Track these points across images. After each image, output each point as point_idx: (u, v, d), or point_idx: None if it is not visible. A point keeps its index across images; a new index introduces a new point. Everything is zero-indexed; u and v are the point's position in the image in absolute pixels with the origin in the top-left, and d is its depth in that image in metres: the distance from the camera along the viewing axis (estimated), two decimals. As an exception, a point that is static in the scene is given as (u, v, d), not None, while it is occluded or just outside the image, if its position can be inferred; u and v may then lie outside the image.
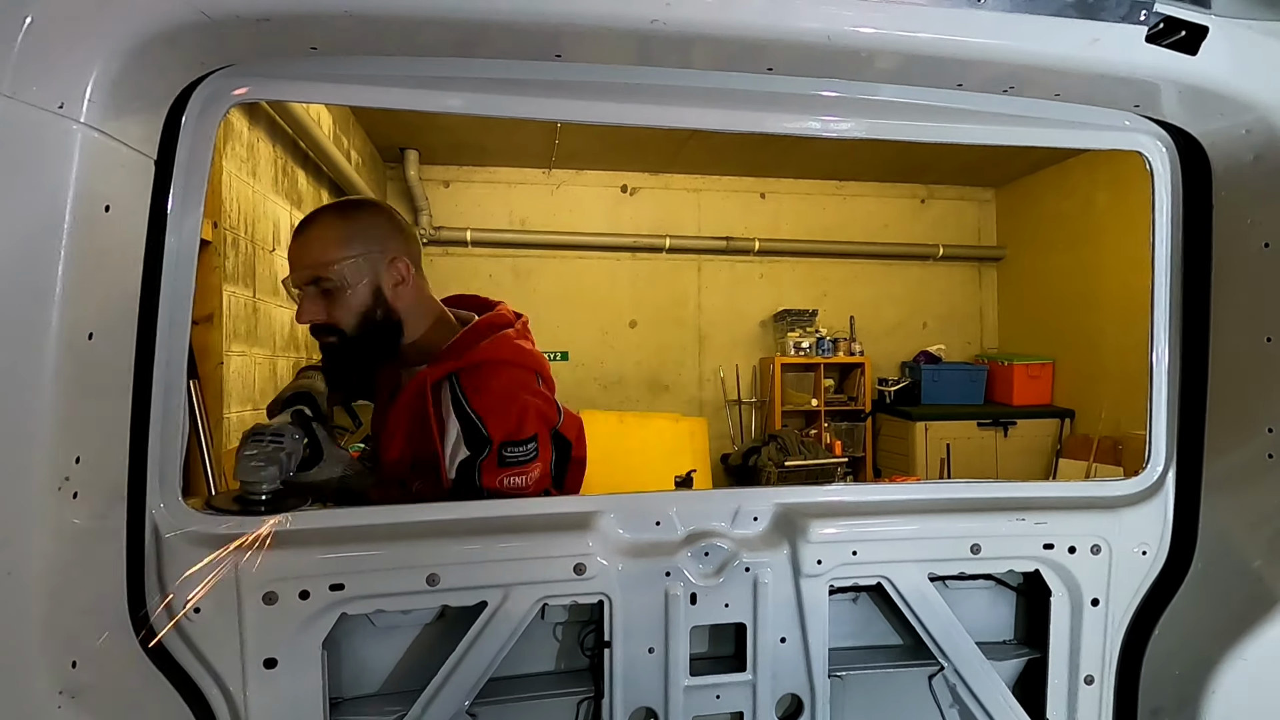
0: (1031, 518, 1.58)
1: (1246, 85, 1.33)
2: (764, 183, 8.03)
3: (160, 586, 1.27)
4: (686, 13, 1.13)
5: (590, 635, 1.56)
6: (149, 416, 1.25)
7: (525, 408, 1.62)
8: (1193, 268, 1.61)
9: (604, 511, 1.50)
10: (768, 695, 1.55)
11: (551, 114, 1.40)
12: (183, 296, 1.27)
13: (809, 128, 1.50)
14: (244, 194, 3.97)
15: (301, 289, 1.63)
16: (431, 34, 1.18)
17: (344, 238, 1.61)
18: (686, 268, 7.92)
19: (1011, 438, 7.29)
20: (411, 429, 1.65)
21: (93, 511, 1.12)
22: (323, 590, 1.33)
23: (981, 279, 8.42)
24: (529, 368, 1.70)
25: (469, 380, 1.60)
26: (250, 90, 1.29)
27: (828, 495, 1.62)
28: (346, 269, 1.59)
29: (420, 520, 1.44)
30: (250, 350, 4.05)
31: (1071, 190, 7.17)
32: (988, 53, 1.25)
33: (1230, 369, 1.56)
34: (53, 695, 1.04)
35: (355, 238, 1.62)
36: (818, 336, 7.73)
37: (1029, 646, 1.73)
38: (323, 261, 1.58)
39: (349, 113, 5.87)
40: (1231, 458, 1.57)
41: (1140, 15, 1.20)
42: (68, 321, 1.01)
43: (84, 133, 1.00)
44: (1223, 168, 1.52)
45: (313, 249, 1.61)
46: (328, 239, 1.61)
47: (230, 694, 1.31)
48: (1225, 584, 1.56)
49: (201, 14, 1.04)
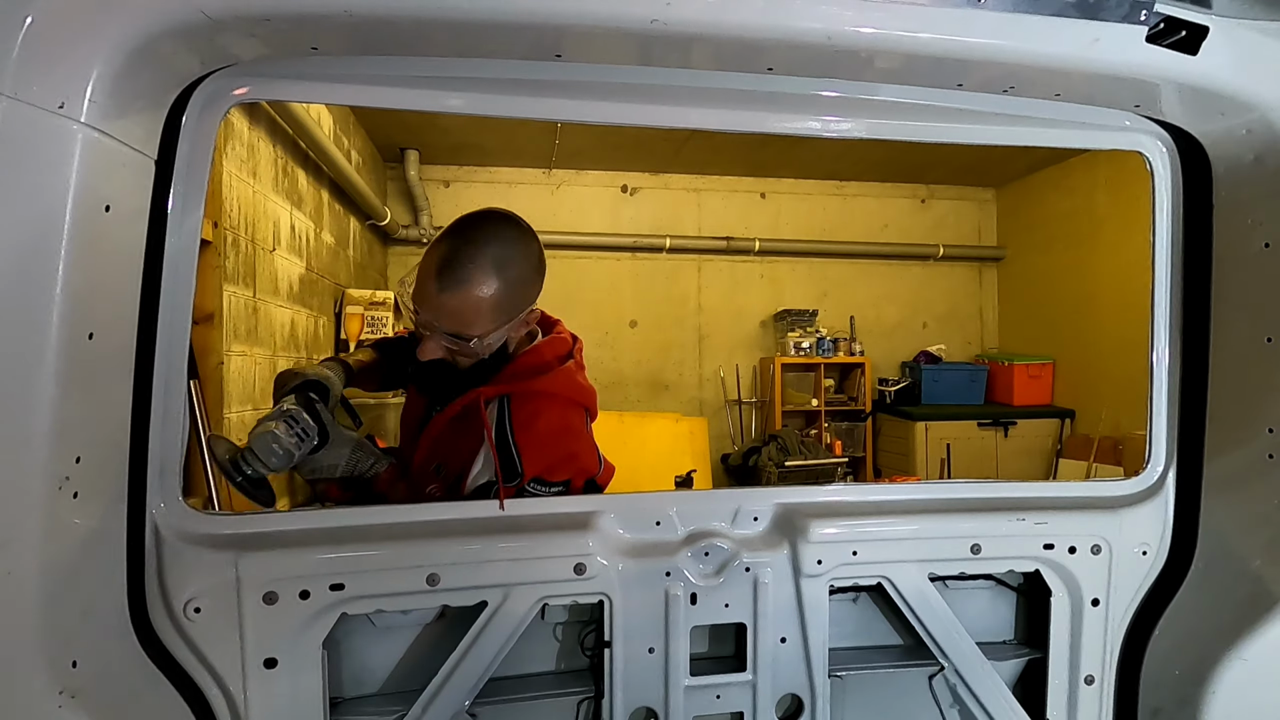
0: (1032, 518, 1.58)
1: (1247, 85, 1.33)
2: (764, 183, 8.03)
3: (160, 586, 1.27)
4: (686, 13, 1.13)
5: (590, 635, 1.56)
6: (149, 416, 1.25)
7: (569, 455, 1.62)
8: (1193, 268, 1.61)
9: (604, 511, 1.50)
10: (768, 695, 1.55)
11: (551, 114, 1.40)
12: (183, 296, 1.27)
13: (809, 128, 1.50)
14: (244, 194, 3.97)
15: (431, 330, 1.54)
16: (431, 34, 1.18)
17: (496, 309, 1.52)
18: (687, 268, 7.92)
19: (1012, 438, 7.29)
20: (448, 438, 1.64)
21: (93, 511, 1.12)
22: (323, 590, 1.33)
23: (982, 279, 8.41)
24: (581, 404, 1.69)
25: (520, 409, 1.59)
26: (250, 90, 1.28)
27: (828, 495, 1.62)
28: (489, 340, 1.55)
29: (420, 520, 1.44)
30: (251, 350, 4.05)
31: (1072, 190, 7.17)
32: (988, 53, 1.25)
33: (1231, 369, 1.56)
34: (53, 695, 1.04)
35: (505, 306, 1.53)
36: (818, 336, 7.73)
37: (1029, 646, 1.73)
38: (467, 331, 1.52)
39: (349, 113, 5.87)
40: (1232, 458, 1.57)
41: (1140, 15, 1.20)
42: (68, 321, 1.01)
43: (84, 133, 1.00)
44: (1223, 168, 1.52)
45: (461, 314, 1.50)
46: (480, 310, 1.51)
47: (230, 694, 1.31)
48: (1225, 584, 1.56)
49: (202, 14, 1.04)
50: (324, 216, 5.46)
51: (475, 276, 1.49)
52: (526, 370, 1.64)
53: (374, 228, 6.81)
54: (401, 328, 5.02)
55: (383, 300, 5.91)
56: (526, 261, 1.58)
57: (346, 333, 5.71)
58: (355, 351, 1.88)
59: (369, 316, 5.76)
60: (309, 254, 5.10)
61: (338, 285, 5.76)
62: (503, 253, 1.54)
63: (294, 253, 4.80)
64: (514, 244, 1.57)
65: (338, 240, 5.81)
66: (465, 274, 1.49)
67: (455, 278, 1.49)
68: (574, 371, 1.70)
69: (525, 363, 1.65)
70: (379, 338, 1.86)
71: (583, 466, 1.65)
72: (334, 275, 5.68)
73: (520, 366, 1.65)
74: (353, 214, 6.23)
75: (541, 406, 1.62)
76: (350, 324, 5.72)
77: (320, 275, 5.34)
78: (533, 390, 1.62)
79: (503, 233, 1.57)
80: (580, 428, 1.69)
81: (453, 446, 1.63)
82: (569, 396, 1.67)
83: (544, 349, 1.69)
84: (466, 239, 1.54)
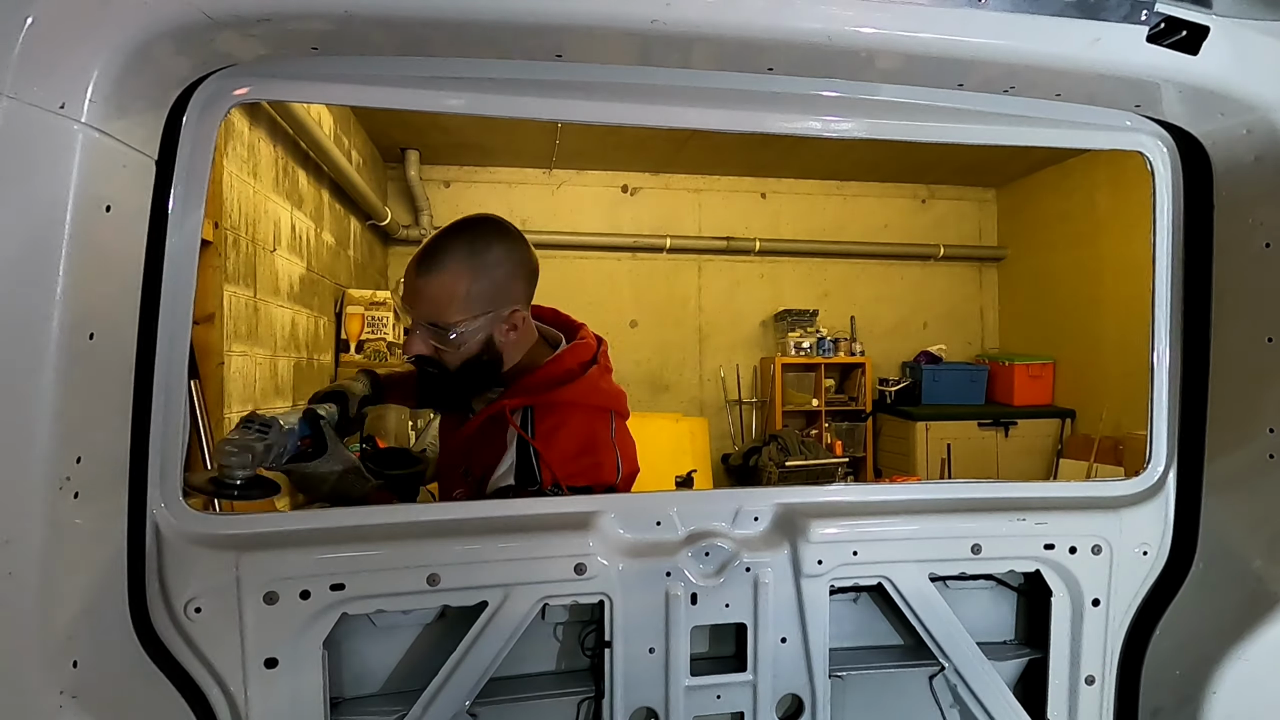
0: (1032, 518, 1.58)
1: (1248, 85, 1.33)
2: (764, 183, 8.03)
3: (161, 586, 1.27)
4: (686, 13, 1.13)
5: (591, 635, 1.56)
6: (149, 416, 1.25)
7: (592, 465, 1.63)
8: (1193, 268, 1.61)
9: (604, 511, 1.49)
10: (768, 695, 1.55)
11: (552, 114, 1.40)
12: (183, 296, 1.27)
13: (809, 128, 1.49)
14: (245, 194, 3.97)
15: (414, 322, 1.59)
16: (431, 34, 1.18)
17: (470, 296, 1.55)
18: (687, 268, 7.93)
19: (1012, 438, 7.29)
20: (474, 448, 1.66)
21: (93, 511, 1.12)
22: (323, 590, 1.33)
23: (982, 279, 8.41)
24: (607, 409, 1.70)
25: (543, 419, 1.60)
26: (251, 90, 1.28)
27: (828, 495, 1.62)
28: (465, 329, 1.56)
29: (421, 520, 1.44)
30: (251, 350, 4.06)
31: (1072, 190, 7.17)
32: (988, 53, 1.25)
33: (1231, 369, 1.56)
34: (53, 695, 1.04)
35: (481, 296, 1.56)
36: (818, 336, 7.73)
37: (1030, 647, 1.73)
38: (442, 318, 1.55)
39: (350, 113, 5.88)
40: (1232, 458, 1.57)
41: (1141, 15, 1.20)
42: (68, 321, 1.01)
43: (85, 133, 1.00)
44: (1224, 168, 1.52)
45: (436, 300, 1.55)
46: (454, 294, 1.54)
47: (231, 694, 1.31)
48: (1226, 584, 1.56)
49: (202, 14, 1.04)
50: (324, 216, 5.46)
51: (448, 263, 1.55)
52: (550, 380, 1.64)
53: (374, 228, 6.81)
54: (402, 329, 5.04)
55: (383, 300, 5.92)
56: (506, 255, 1.61)
57: (347, 333, 5.71)
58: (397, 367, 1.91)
59: (369, 316, 5.76)
60: (309, 254, 5.10)
61: (338, 285, 5.76)
62: (479, 244, 1.59)
63: (294, 253, 4.80)
64: (492, 238, 1.62)
65: (338, 240, 5.81)
66: (439, 260, 1.55)
67: (430, 263, 1.55)
68: (598, 377, 1.70)
69: (549, 372, 1.65)
70: None
71: (603, 477, 1.65)
72: (334, 275, 5.69)
73: (544, 376, 1.65)
74: (353, 214, 6.23)
75: (565, 417, 1.62)
76: (350, 324, 5.72)
77: (321, 275, 5.34)
78: (556, 401, 1.62)
79: (482, 227, 1.63)
80: (604, 437, 1.69)
81: (478, 454, 1.64)
82: (594, 404, 1.68)
83: (567, 357, 1.68)
84: (447, 232, 1.62)
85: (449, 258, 1.56)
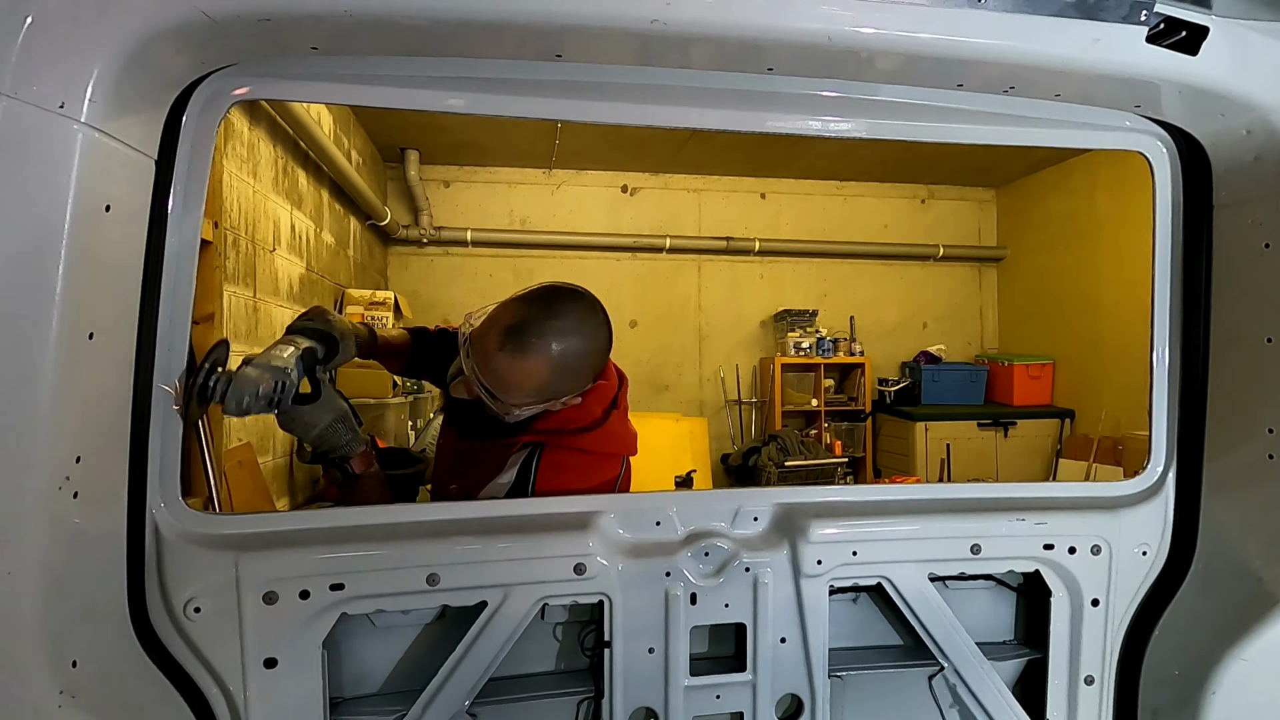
0: (1032, 518, 1.58)
1: (1247, 85, 1.33)
2: (764, 183, 8.03)
3: (160, 586, 1.27)
4: (686, 13, 1.13)
5: (590, 635, 1.56)
6: (149, 416, 1.25)
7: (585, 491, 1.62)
8: (1193, 268, 1.61)
9: (604, 511, 1.49)
10: (768, 695, 1.55)
11: (552, 114, 1.40)
12: (183, 296, 1.27)
13: (809, 128, 1.50)
14: (245, 194, 3.97)
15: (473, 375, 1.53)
16: (431, 34, 1.18)
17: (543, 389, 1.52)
18: (687, 268, 7.92)
19: (1011, 438, 7.29)
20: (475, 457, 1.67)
21: (93, 511, 1.12)
22: (323, 590, 1.33)
23: (982, 279, 8.41)
24: (618, 455, 1.70)
25: (550, 458, 1.60)
26: (251, 90, 1.28)
27: (828, 495, 1.62)
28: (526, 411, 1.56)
29: (420, 520, 1.44)
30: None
31: (1072, 190, 7.17)
32: (988, 53, 1.25)
33: (1231, 369, 1.56)
34: (53, 695, 1.04)
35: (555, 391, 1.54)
36: (818, 336, 7.73)
37: (1029, 647, 1.73)
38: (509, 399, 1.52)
39: (349, 113, 5.87)
40: (1232, 458, 1.57)
41: (1141, 16, 1.20)
42: (68, 321, 1.01)
43: (85, 132, 1.00)
44: (1223, 168, 1.52)
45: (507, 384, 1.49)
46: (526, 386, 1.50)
47: (230, 694, 1.31)
48: (1225, 584, 1.56)
49: (202, 14, 1.04)
50: (324, 216, 5.46)
51: (531, 355, 1.47)
52: (568, 425, 1.62)
53: (374, 228, 6.81)
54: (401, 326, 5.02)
55: (383, 300, 5.91)
56: (590, 353, 1.56)
57: (347, 333, 5.70)
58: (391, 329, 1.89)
59: (369, 316, 5.76)
60: (309, 254, 5.09)
61: (338, 285, 5.76)
62: (568, 337, 1.51)
63: (294, 253, 4.80)
64: (585, 349, 1.55)
65: (338, 240, 5.81)
66: (522, 347, 1.46)
67: (514, 346, 1.46)
68: (616, 423, 1.69)
69: (569, 416, 1.62)
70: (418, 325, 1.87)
71: None
72: (334, 275, 5.68)
73: (563, 419, 1.62)
74: (353, 214, 6.23)
75: (573, 462, 1.62)
76: (350, 324, 5.71)
77: (320, 275, 5.34)
78: (570, 445, 1.62)
79: (571, 316, 1.53)
80: (609, 479, 1.68)
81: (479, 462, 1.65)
82: (608, 452, 1.68)
83: (591, 403, 1.63)
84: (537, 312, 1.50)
85: (533, 350, 1.47)
